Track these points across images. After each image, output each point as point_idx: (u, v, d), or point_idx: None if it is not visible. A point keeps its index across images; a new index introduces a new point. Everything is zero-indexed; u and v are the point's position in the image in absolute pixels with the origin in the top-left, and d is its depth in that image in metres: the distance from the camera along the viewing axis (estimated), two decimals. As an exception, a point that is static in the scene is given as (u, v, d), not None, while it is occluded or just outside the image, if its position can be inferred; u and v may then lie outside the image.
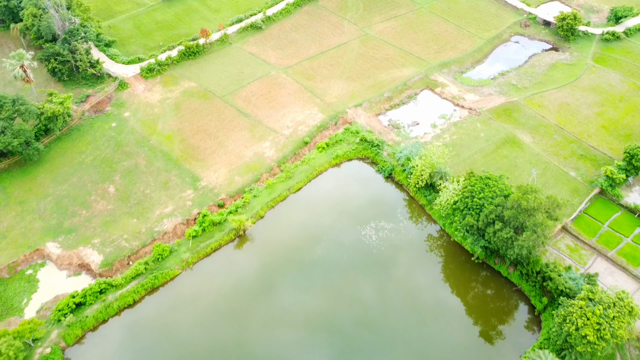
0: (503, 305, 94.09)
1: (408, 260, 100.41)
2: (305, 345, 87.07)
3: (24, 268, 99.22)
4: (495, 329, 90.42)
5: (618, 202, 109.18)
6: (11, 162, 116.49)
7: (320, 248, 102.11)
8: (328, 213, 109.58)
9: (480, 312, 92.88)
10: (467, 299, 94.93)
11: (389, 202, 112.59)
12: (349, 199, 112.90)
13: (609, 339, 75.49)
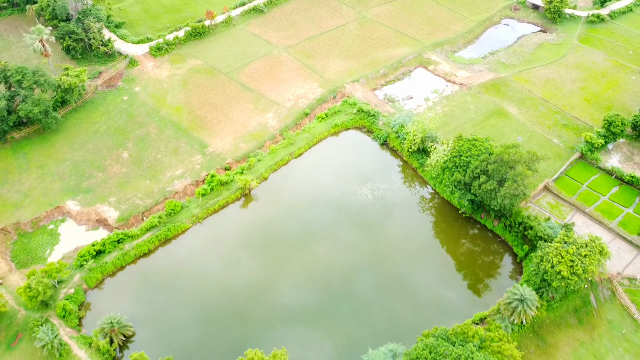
0: (488, 254, 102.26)
1: (401, 215, 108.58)
2: (305, 285, 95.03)
3: (46, 223, 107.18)
4: (481, 274, 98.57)
5: (597, 165, 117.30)
6: (31, 130, 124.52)
7: (320, 205, 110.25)
8: (327, 176, 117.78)
9: (467, 260, 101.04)
10: (455, 248, 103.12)
11: (383, 165, 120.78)
12: (347, 163, 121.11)
13: (581, 274, 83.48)
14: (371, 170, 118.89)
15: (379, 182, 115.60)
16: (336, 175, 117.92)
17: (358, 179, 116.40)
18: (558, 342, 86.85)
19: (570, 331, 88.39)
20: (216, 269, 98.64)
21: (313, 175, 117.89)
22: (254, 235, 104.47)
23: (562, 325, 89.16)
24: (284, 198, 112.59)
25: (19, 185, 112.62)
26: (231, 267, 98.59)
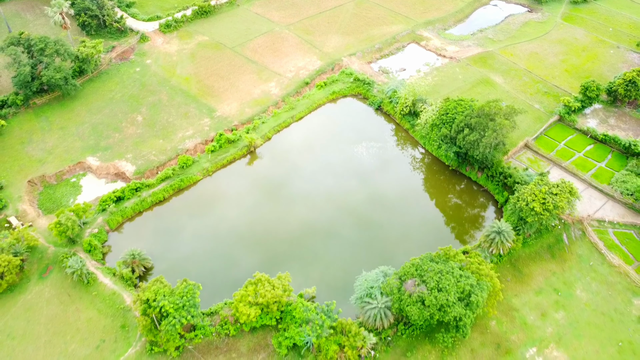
0: (472, 201, 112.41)
1: (393, 169, 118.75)
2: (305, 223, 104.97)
3: (69, 177, 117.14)
4: (465, 219, 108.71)
5: (573, 126, 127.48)
6: (51, 97, 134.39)
7: (320, 160, 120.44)
8: (326, 136, 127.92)
9: (453, 206, 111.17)
10: (442, 197, 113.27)
11: (378, 127, 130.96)
12: (343, 126, 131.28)
13: (552, 210, 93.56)
14: (366, 132, 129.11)
15: (373, 141, 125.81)
16: (334, 136, 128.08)
17: (354, 139, 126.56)
18: (532, 272, 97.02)
19: (543, 264, 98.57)
20: (225, 212, 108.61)
21: (313, 136, 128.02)
22: (259, 185, 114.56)
23: (537, 259, 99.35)
24: (286, 155, 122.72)
25: (42, 144, 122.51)
26: (239, 211, 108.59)
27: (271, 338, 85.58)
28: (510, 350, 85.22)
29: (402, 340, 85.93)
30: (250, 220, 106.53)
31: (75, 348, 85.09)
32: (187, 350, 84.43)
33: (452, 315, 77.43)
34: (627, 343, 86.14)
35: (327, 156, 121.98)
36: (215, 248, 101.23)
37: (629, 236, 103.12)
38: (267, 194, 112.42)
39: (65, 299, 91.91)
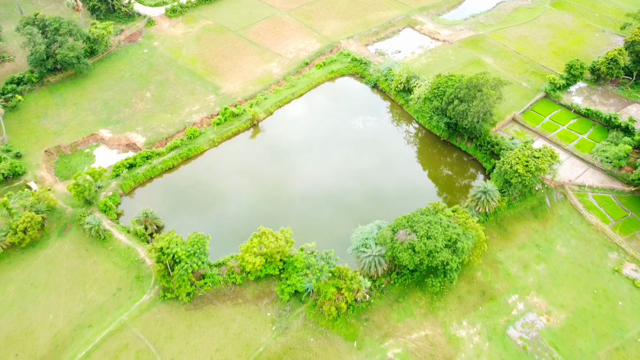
0: (461, 169, 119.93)
1: (388, 141, 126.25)
2: (305, 186, 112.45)
3: (83, 148, 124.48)
4: (454, 184, 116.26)
5: (558, 102, 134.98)
6: (64, 75, 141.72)
7: (319, 133, 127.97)
8: (325, 111, 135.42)
9: (443, 174, 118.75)
10: (434, 165, 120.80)
11: (374, 103, 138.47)
12: (341, 102, 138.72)
13: (534, 171, 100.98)
14: (362, 107, 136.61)
15: (369, 115, 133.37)
16: (332, 111, 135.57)
17: (351, 113, 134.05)
18: (516, 230, 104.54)
19: (527, 223, 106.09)
20: (231, 177, 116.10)
21: (312, 111, 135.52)
22: (262, 154, 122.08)
23: (521, 219, 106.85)
24: (287, 127, 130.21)
25: (57, 118, 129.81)
26: (243, 176, 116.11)
27: (274, 286, 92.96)
28: (494, 297, 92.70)
29: (395, 288, 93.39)
30: (254, 184, 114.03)
31: (94, 295, 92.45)
32: (197, 297, 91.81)
33: (440, 259, 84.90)
34: (602, 290, 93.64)
35: (326, 128, 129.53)
36: (222, 209, 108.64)
37: (607, 199, 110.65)
38: (270, 161, 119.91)
39: (84, 253, 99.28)
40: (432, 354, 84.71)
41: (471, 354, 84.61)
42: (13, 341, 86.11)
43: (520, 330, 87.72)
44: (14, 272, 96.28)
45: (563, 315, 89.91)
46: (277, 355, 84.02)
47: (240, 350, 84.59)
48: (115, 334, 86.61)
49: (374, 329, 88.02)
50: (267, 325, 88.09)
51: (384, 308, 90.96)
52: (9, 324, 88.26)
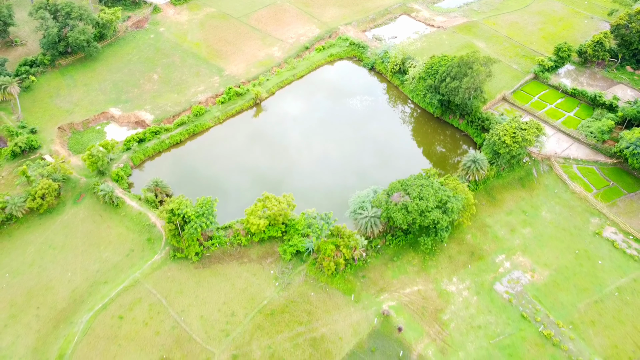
0: (454, 144, 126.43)
1: (384, 118, 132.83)
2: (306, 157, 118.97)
3: (94, 125, 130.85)
4: (447, 158, 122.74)
5: (547, 82, 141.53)
6: (75, 58, 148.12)
7: (319, 111, 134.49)
8: (324, 92, 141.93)
9: (436, 148, 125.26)
10: (428, 140, 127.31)
11: (370, 84, 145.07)
12: (340, 83, 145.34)
13: (520, 142, 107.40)
14: (360, 88, 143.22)
15: (366, 95, 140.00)
16: (331, 91, 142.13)
17: (349, 94, 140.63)
18: (504, 198, 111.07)
19: (514, 191, 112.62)
20: (235, 151, 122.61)
21: (312, 91, 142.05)
22: (265, 129, 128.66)
23: (509, 188, 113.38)
24: (289, 105, 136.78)
25: (69, 98, 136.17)
26: (247, 149, 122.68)
27: (277, 247, 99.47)
28: (483, 257, 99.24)
29: (390, 249, 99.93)
30: (257, 156, 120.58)
31: (108, 256, 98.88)
32: (205, 257, 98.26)
33: (431, 218, 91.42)
34: (583, 251, 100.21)
35: (325, 107, 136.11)
36: (228, 179, 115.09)
37: (591, 170, 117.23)
38: (272, 136, 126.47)
39: (98, 218, 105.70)
40: (424, 306, 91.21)
41: (460, 306, 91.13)
42: (34, 295, 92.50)
43: (506, 286, 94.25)
44: (32, 235, 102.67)
45: (546, 273, 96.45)
46: (280, 308, 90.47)
47: (245, 303, 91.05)
48: (129, 289, 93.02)
49: (370, 284, 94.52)
50: (270, 282, 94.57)
51: (380, 266, 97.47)
52: (30, 281, 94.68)
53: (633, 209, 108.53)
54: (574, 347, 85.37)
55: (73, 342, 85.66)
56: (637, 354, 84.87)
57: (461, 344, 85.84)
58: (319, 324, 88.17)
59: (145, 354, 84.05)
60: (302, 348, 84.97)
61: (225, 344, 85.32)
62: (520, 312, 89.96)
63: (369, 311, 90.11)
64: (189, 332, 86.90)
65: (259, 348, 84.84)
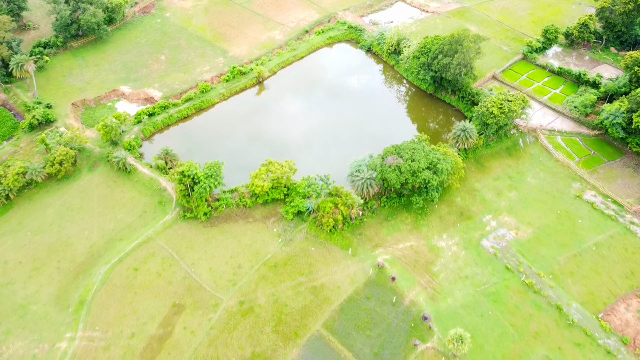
0: (446, 118, 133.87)
1: (379, 95, 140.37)
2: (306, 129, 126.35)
3: (105, 102, 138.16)
4: (439, 131, 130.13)
5: (535, 62, 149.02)
6: (86, 41, 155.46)
7: (318, 88, 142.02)
8: (323, 71, 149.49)
9: (429, 123, 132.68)
10: (421, 115, 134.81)
11: (367, 64, 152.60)
12: (338, 63, 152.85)
13: (507, 113, 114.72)
14: (357, 68, 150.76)
15: (363, 74, 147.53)
16: (330, 71, 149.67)
17: (347, 73, 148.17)
18: (492, 165, 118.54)
19: (502, 160, 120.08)
20: (240, 124, 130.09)
21: (312, 71, 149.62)
22: (267, 105, 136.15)
23: (497, 157, 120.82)
24: (290, 85, 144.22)
25: (81, 77, 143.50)
26: (250, 122, 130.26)
27: (280, 208, 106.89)
28: (471, 217, 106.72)
29: (385, 210, 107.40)
30: (261, 129, 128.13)
31: (122, 216, 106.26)
32: (212, 217, 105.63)
33: (422, 178, 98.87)
34: (565, 212, 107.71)
35: (324, 85, 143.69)
36: (233, 149, 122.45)
37: (574, 141, 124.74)
38: (275, 110, 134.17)
39: (111, 184, 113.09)
40: (415, 259, 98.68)
41: (449, 260, 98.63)
42: (55, 251, 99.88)
43: (492, 242, 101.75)
44: (51, 198, 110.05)
45: (530, 230, 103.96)
46: (283, 261, 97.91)
47: (251, 257, 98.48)
48: (143, 245, 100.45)
49: (366, 241, 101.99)
50: (274, 238, 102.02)
51: (375, 225, 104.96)
52: (50, 238, 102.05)
53: (612, 175, 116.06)
54: (553, 294, 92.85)
55: (92, 290, 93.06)
56: (611, 299, 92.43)
57: (450, 292, 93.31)
58: (319, 275, 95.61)
59: (159, 300, 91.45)
60: (304, 295, 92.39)
61: (233, 292, 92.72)
62: (505, 264, 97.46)
63: (365, 263, 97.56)
64: (199, 281, 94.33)
65: (263, 295, 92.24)
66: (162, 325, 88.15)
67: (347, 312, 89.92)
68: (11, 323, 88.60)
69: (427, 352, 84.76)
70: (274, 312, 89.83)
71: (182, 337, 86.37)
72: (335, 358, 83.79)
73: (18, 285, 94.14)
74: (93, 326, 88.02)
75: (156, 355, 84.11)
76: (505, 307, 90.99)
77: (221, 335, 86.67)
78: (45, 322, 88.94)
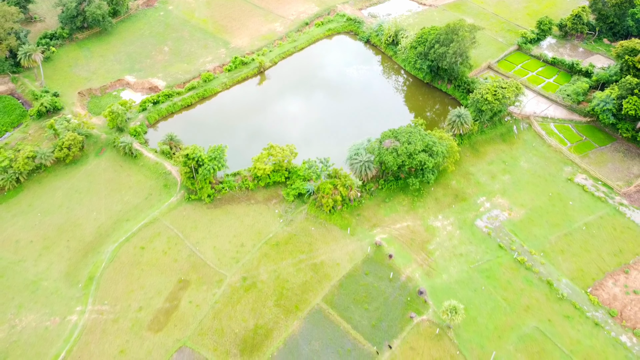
0: (442, 106, 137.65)
1: (378, 85, 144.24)
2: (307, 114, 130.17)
3: (111, 91, 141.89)
4: (437, 119, 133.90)
5: (529, 53, 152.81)
6: (91, 33, 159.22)
7: (318, 78, 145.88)
8: (323, 61, 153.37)
9: (426, 110, 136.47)
10: (418, 103, 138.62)
11: (366, 55, 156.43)
12: (337, 54, 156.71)
13: (501, 99, 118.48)
14: (356, 59, 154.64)
15: (362, 64, 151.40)
16: (329, 61, 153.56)
17: (346, 64, 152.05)
18: (487, 150, 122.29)
19: (496, 145, 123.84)
20: (241, 111, 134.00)
21: (312, 61, 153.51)
22: (269, 93, 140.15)
23: (491, 142, 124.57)
24: (291, 75, 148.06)
25: (87, 67, 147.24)
26: (252, 110, 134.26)
27: (281, 190, 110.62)
28: (466, 199, 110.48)
29: (382, 192, 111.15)
30: (263, 116, 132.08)
31: (129, 199, 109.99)
32: (216, 199, 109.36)
33: (418, 160, 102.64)
34: (556, 194, 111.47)
35: (324, 75, 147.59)
36: (235, 135, 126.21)
37: (566, 128, 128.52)
38: (276, 98, 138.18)
39: (118, 168, 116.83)
40: (412, 238, 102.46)
41: (444, 238, 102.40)
42: (64, 231, 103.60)
43: (486, 222, 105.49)
44: (60, 182, 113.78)
45: (522, 211, 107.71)
46: (284, 240, 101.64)
47: (253, 236, 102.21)
48: (149, 225, 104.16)
49: (364, 221, 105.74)
50: (275, 219, 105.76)
51: (373, 207, 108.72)
52: (60, 219, 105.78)
53: (603, 160, 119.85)
54: (544, 270, 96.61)
55: (101, 267, 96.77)
56: (599, 275, 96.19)
57: (444, 268, 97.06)
58: (319, 253, 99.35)
59: (165, 277, 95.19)
60: (304, 272, 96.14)
61: (236, 269, 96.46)
62: (498, 243, 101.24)
63: (363, 242, 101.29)
64: (204, 259, 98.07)
65: (265, 272, 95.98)
66: (168, 299, 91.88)
67: (345, 288, 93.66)
68: (24, 298, 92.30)
69: (423, 324, 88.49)
70: (275, 287, 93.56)
71: (188, 311, 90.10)
72: (335, 330, 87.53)
73: (29, 263, 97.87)
74: (102, 300, 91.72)
75: (163, 327, 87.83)
76: (497, 283, 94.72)
77: (225, 308, 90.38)
78: (56, 296, 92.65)
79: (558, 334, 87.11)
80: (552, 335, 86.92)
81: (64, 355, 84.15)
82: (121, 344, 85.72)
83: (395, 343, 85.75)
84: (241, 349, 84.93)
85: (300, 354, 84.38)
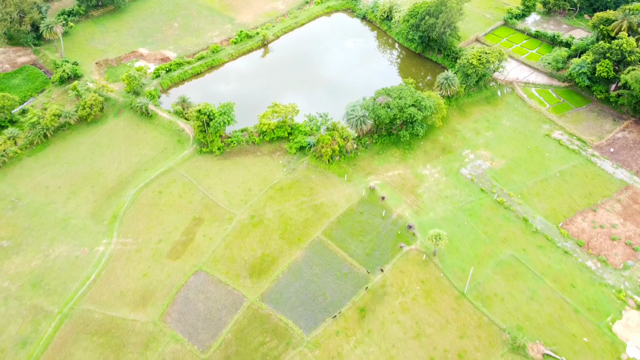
0: (432, 75, 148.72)
1: (373, 56, 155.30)
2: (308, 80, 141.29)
3: (126, 62, 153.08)
4: (426, 85, 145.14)
5: (514, 27, 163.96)
6: (105, 10, 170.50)
7: (318, 49, 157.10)
8: (322, 36, 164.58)
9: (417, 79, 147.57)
10: (411, 73, 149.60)
11: (362, 30, 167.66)
12: (335, 30, 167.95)
13: (485, 63, 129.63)
14: (353, 33, 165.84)
15: (358, 38, 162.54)
16: (328, 35, 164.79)
17: (344, 37, 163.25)
18: (472, 111, 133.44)
19: (481, 107, 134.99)
20: (247, 78, 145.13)
21: (312, 36, 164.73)
22: (272, 63, 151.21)
23: (476, 104, 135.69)
24: (292, 47, 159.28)
25: (103, 41, 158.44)
26: (257, 77, 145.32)
27: (284, 144, 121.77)
28: (452, 151, 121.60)
29: (376, 146, 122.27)
30: (267, 82, 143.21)
31: (146, 152, 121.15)
32: (225, 152, 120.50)
33: (408, 113, 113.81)
34: (534, 147, 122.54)
35: (323, 46, 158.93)
36: (242, 98, 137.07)
37: (546, 92, 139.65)
38: (279, 66, 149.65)
39: (135, 126, 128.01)
40: (402, 183, 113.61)
41: (432, 184, 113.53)
42: (88, 178, 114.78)
43: (469, 170, 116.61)
44: (83, 138, 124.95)
45: (503, 162, 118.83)
46: (288, 185, 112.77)
47: (260, 183, 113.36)
48: (165, 174, 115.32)
49: (359, 170, 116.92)
50: (279, 168, 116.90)
51: (368, 158, 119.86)
52: (84, 168, 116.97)
53: (578, 119, 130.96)
54: (521, 210, 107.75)
55: (123, 208, 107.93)
56: (570, 213, 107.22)
57: (431, 208, 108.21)
58: (319, 196, 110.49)
59: (182, 215, 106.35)
60: (306, 211, 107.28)
61: (244, 209, 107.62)
62: (480, 187, 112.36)
63: (358, 187, 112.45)
64: (215, 200, 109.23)
65: (271, 211, 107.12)
66: (184, 233, 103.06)
67: (343, 223, 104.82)
68: (55, 232, 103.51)
69: (411, 252, 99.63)
70: (280, 223, 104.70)
71: (202, 242, 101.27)
72: (333, 257, 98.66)
73: (59, 204, 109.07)
74: (126, 234, 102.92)
75: (180, 255, 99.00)
76: (479, 220, 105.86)
77: (235, 240, 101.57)
78: (84, 232, 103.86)
79: (531, 260, 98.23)
80: (525, 261, 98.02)
81: (94, 277, 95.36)
82: (144, 268, 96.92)
83: (387, 268, 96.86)
84: (250, 273, 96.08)
85: (302, 277, 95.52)
